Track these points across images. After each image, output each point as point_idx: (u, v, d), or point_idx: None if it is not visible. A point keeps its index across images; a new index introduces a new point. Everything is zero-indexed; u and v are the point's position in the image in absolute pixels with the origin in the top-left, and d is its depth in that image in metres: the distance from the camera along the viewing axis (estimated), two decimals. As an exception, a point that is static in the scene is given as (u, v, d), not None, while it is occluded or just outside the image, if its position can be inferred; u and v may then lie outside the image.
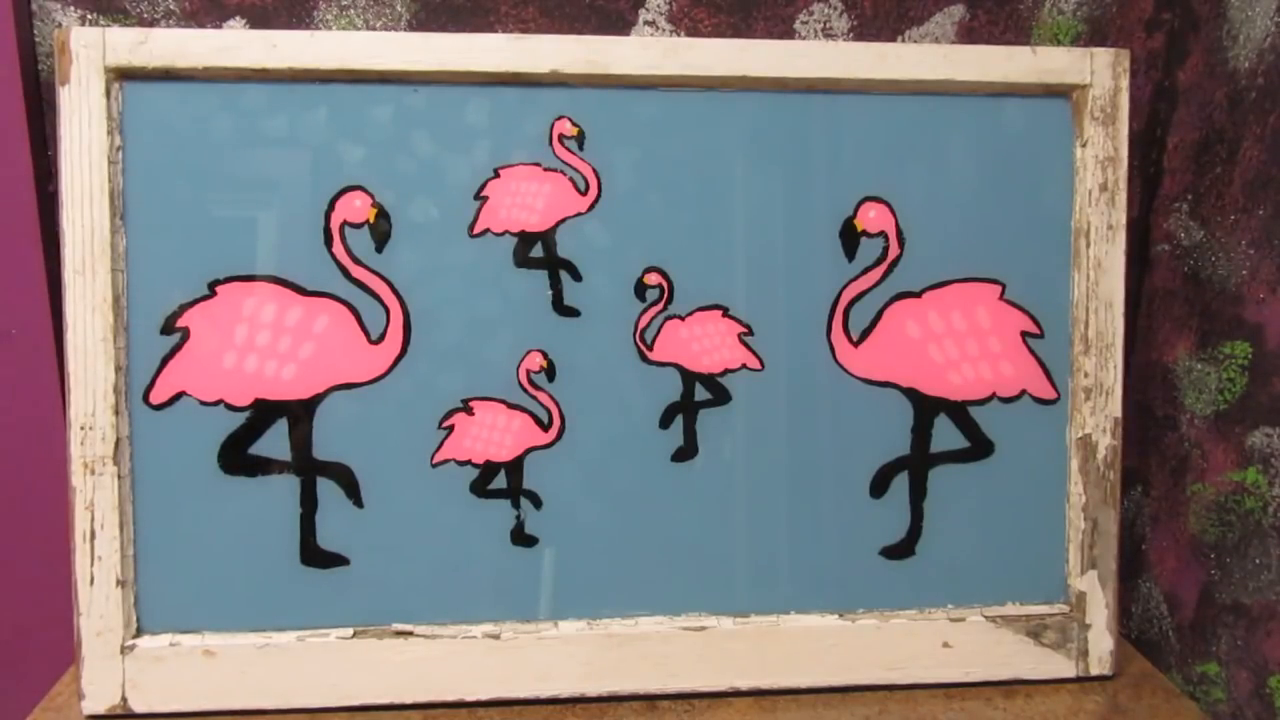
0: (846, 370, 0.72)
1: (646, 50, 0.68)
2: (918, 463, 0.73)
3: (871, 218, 0.71)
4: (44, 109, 0.76)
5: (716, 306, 0.71)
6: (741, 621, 0.71)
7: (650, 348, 0.71)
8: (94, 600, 0.66)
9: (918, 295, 0.72)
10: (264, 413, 0.68)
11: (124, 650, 0.66)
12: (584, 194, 0.70)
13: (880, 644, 0.71)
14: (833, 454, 0.72)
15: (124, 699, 0.67)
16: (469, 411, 0.70)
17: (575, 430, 0.71)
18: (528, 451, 0.70)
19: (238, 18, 0.76)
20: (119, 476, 0.66)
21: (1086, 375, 0.72)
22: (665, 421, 0.71)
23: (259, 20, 0.77)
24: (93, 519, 0.66)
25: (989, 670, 0.72)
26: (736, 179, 0.71)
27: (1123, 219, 0.71)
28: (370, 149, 0.68)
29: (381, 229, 0.69)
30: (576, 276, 0.70)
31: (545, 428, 0.70)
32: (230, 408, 0.68)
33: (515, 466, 0.70)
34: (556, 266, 0.70)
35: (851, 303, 0.71)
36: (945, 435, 0.73)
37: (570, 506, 0.71)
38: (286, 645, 0.68)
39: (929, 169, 0.72)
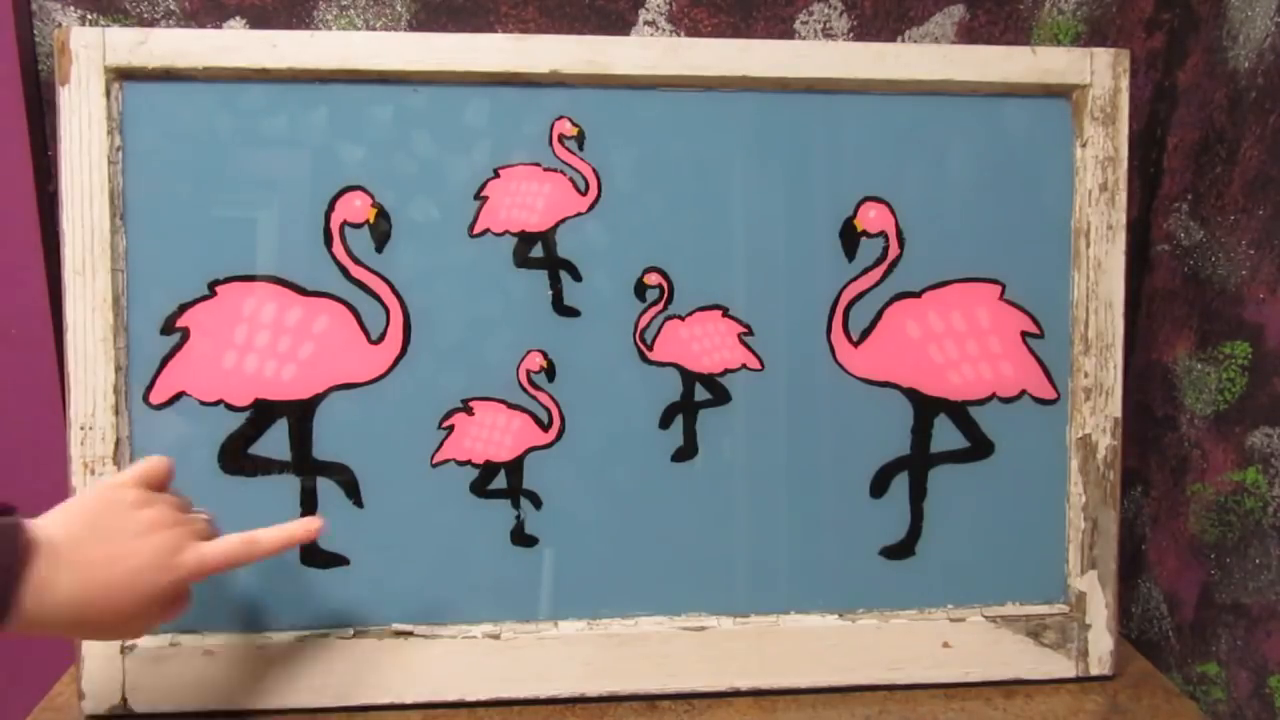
0: (846, 370, 0.72)
1: (646, 50, 0.68)
2: (918, 463, 0.73)
3: (871, 218, 0.71)
4: (44, 109, 0.76)
5: (716, 306, 0.71)
6: (741, 621, 0.71)
7: (650, 348, 0.71)
8: (94, 600, 0.66)
9: (918, 295, 0.72)
10: (264, 413, 0.68)
11: (124, 650, 0.66)
12: (584, 194, 0.70)
13: (880, 644, 0.71)
14: (833, 454, 0.72)
15: (124, 699, 0.66)
16: (469, 411, 0.70)
17: (575, 430, 0.71)
18: (528, 451, 0.70)
19: (238, 18, 0.76)
20: (119, 476, 0.66)
21: (1086, 375, 0.72)
22: (665, 421, 0.71)
23: (259, 20, 0.77)
24: (93, 519, 0.66)
25: (989, 670, 0.72)
26: (736, 179, 0.71)
27: (1123, 219, 0.71)
28: (370, 149, 0.68)
29: (381, 229, 0.69)
30: (576, 276, 0.70)
31: (545, 428, 0.70)
32: (230, 408, 0.68)
33: (515, 466, 0.70)
34: (556, 266, 0.70)
35: (851, 303, 0.71)
36: (945, 435, 0.73)
37: (570, 506, 0.71)
38: (286, 645, 0.68)
39: (929, 169, 0.72)
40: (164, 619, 0.56)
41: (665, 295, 0.71)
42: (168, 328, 0.67)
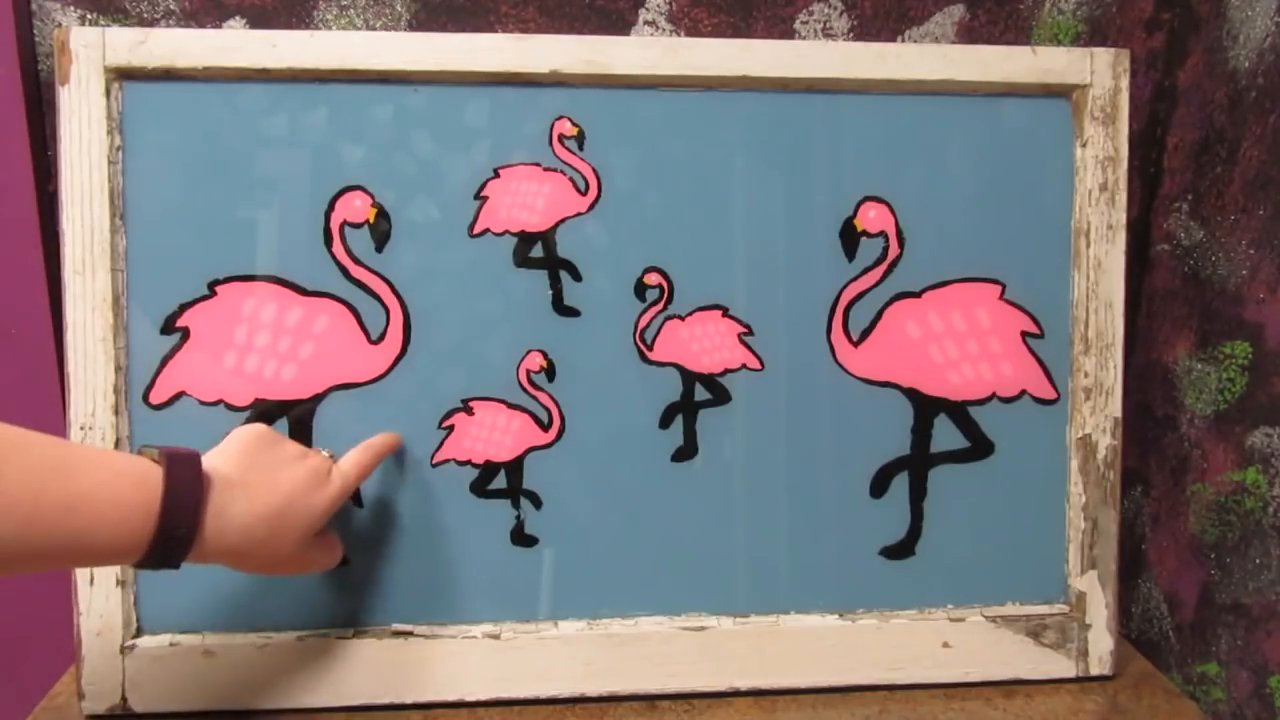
0: (846, 370, 0.72)
1: (646, 50, 0.68)
2: (918, 463, 0.73)
3: (871, 218, 0.71)
4: (44, 109, 0.76)
5: (716, 306, 0.71)
6: (741, 621, 0.71)
7: (650, 348, 0.71)
8: (94, 600, 0.66)
9: (918, 295, 0.72)
10: (264, 413, 0.68)
11: (124, 650, 0.66)
12: (584, 194, 0.70)
13: (880, 644, 0.71)
14: (833, 454, 0.72)
15: (124, 699, 0.67)
16: (469, 411, 0.70)
17: (575, 430, 0.71)
18: (528, 451, 0.70)
19: (238, 18, 0.76)
20: (119, 476, 0.66)
21: (1086, 375, 0.72)
22: (665, 421, 0.71)
23: (259, 20, 0.77)
24: (93, 519, 0.66)
25: (989, 670, 0.72)
26: (736, 179, 0.71)
27: (1123, 219, 0.71)
28: (370, 149, 0.68)
29: (381, 229, 0.69)
30: (576, 276, 0.70)
31: (545, 428, 0.70)
32: (230, 408, 0.68)
33: (515, 466, 0.70)
34: (556, 266, 0.70)
35: (851, 303, 0.71)
36: (945, 435, 0.72)
37: (570, 506, 0.71)
38: (286, 645, 0.68)
39: (929, 169, 0.71)
40: (319, 560, 0.62)
41: (665, 295, 0.71)
42: (168, 328, 0.67)
